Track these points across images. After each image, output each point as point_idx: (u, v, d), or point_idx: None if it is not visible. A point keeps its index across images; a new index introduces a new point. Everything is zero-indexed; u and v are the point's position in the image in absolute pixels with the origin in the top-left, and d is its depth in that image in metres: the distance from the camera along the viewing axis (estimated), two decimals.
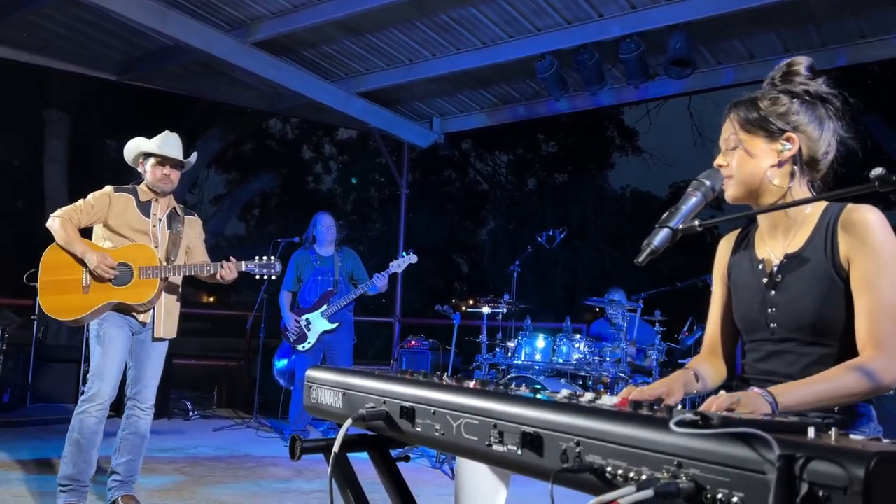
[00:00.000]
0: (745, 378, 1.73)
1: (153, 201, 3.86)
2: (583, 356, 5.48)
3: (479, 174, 22.05)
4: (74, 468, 3.54)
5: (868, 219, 1.55)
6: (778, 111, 1.65)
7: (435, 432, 1.38)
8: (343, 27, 6.51)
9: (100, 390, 3.58)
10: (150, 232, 3.81)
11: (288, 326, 5.97)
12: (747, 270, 1.75)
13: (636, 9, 5.91)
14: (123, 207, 3.78)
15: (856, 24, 5.96)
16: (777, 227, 1.71)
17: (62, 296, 3.67)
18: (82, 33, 6.69)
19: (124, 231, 3.76)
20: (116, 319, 3.69)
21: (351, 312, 6.08)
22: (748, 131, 1.67)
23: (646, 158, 20.89)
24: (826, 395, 1.45)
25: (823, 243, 1.60)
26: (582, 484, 1.10)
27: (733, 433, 0.93)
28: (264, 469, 5.07)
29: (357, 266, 6.10)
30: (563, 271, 18.56)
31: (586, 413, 1.13)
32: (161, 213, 3.88)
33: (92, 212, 3.75)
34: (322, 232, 6.04)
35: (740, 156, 1.66)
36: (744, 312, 1.74)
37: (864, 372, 1.45)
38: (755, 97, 1.70)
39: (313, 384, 1.77)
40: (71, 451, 3.55)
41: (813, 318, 1.59)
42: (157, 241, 3.82)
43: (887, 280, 1.51)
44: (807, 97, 1.67)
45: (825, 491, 0.84)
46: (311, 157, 21.08)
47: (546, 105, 8.00)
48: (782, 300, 1.64)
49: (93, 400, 3.57)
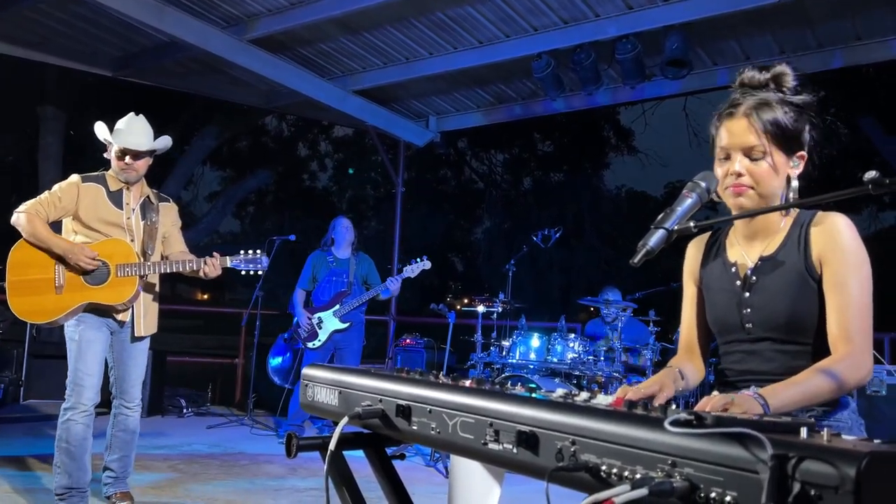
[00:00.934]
0: (726, 380, 1.77)
1: (124, 190, 3.60)
2: (577, 356, 5.49)
3: (475, 173, 22.08)
4: (69, 477, 3.42)
5: (838, 224, 1.63)
6: (798, 129, 1.68)
7: (431, 430, 1.39)
8: (340, 25, 6.51)
9: (81, 397, 3.44)
10: (123, 224, 3.57)
11: (301, 323, 6.02)
12: (720, 275, 1.79)
13: (633, 9, 5.93)
14: (93, 198, 3.53)
15: (851, 26, 5.99)
16: (756, 234, 1.75)
17: (33, 297, 3.42)
18: (79, 29, 6.67)
19: (96, 225, 3.52)
20: (93, 321, 3.49)
21: (363, 314, 6.16)
22: (776, 144, 1.65)
23: (641, 158, 20.96)
24: (812, 394, 1.52)
25: (797, 247, 1.66)
26: (577, 482, 1.10)
27: (727, 433, 0.94)
28: (258, 466, 5.07)
29: (371, 271, 6.21)
30: (558, 271, 18.58)
31: (582, 412, 1.14)
32: (134, 202, 3.62)
33: (59, 205, 3.48)
34: (341, 233, 6.13)
35: (766, 169, 1.65)
36: (718, 315, 1.78)
37: (834, 372, 1.52)
38: (772, 105, 1.66)
39: (310, 382, 1.78)
40: (62, 459, 3.42)
41: (787, 317, 1.64)
42: (132, 234, 3.58)
43: (855, 281, 1.59)
44: (810, 114, 1.71)
45: (817, 490, 0.85)
46: (306, 155, 21.08)
47: (542, 104, 8.02)
48: (758, 301, 1.69)
49: (75, 408, 3.43)
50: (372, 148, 16.44)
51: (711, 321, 1.82)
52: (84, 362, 3.46)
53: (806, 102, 1.70)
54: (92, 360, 3.49)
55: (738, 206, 1.67)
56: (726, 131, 1.69)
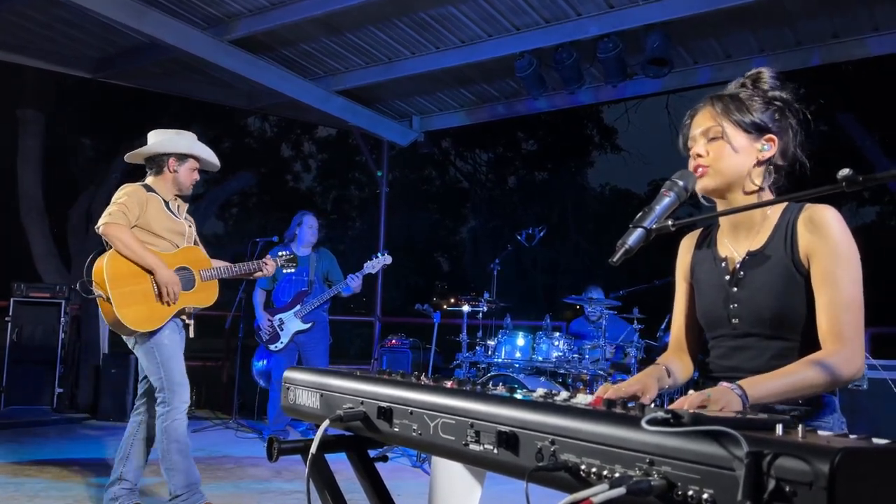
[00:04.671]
0: (711, 375, 1.76)
1: (171, 201, 3.73)
2: (562, 354, 5.51)
3: (460, 172, 22.10)
4: (186, 475, 3.50)
5: (826, 217, 1.60)
6: (762, 112, 1.68)
7: (412, 432, 1.39)
8: (322, 25, 6.48)
9: (183, 395, 3.56)
10: (185, 233, 3.70)
11: (261, 325, 5.92)
12: (710, 269, 1.79)
13: (614, 8, 5.95)
14: (157, 208, 3.61)
15: (829, 24, 6.05)
16: (739, 227, 1.75)
17: (140, 306, 3.48)
18: (57, 31, 6.60)
19: (164, 234, 3.61)
20: (174, 324, 3.61)
21: (326, 312, 6.04)
22: (735, 125, 1.67)
23: (625, 157, 21.07)
24: (792, 387, 1.50)
25: (783, 241, 1.65)
26: (557, 482, 1.11)
27: (703, 431, 0.94)
28: (243, 470, 5.05)
29: (333, 266, 6.07)
30: (542, 269, 18.64)
31: (561, 412, 1.14)
32: (182, 213, 3.78)
33: (132, 214, 3.51)
34: (305, 233, 6.00)
35: (723, 148, 1.67)
36: (706, 309, 1.78)
37: (827, 365, 1.50)
38: (738, 94, 1.71)
39: (291, 385, 1.77)
40: (176, 460, 3.48)
41: (773, 312, 1.63)
42: (190, 242, 3.73)
43: (846, 276, 1.56)
44: (781, 103, 1.71)
45: (791, 486, 0.85)
46: (290, 156, 20.99)
47: (525, 104, 8.03)
48: (744, 296, 1.68)
49: (178, 407, 3.53)
50: (355, 148, 16.37)
51: (700, 315, 1.81)
52: (178, 362, 3.58)
53: (778, 95, 1.71)
54: (182, 361, 3.61)
55: (701, 189, 1.70)
56: (692, 124, 1.75)
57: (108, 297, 3.40)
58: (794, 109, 1.72)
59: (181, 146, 3.71)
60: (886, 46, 6.08)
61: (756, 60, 6.51)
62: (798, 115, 1.72)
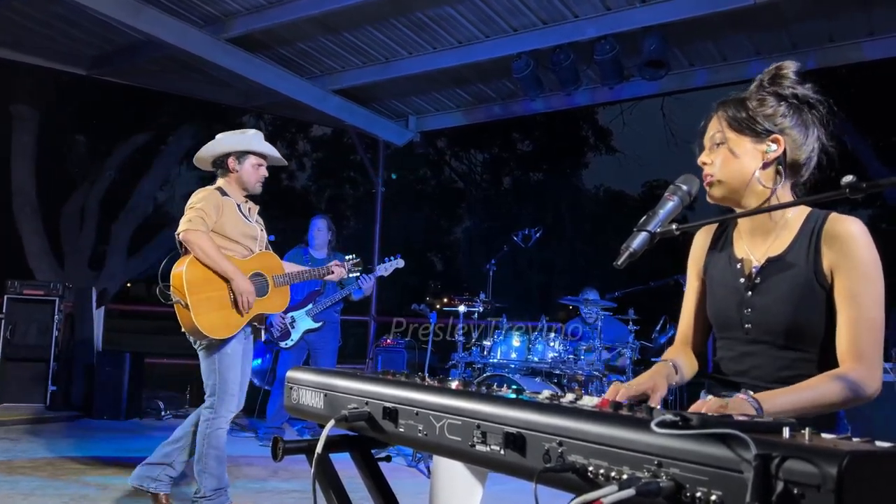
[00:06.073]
0: (719, 377, 1.74)
1: (243, 203, 3.67)
2: (557, 355, 5.52)
3: (455, 172, 22.12)
4: (218, 480, 3.57)
5: (852, 232, 1.56)
6: (765, 112, 1.64)
7: (418, 433, 1.39)
8: (319, 24, 6.48)
9: (232, 405, 3.56)
10: (258, 237, 3.66)
11: (273, 322, 5.95)
12: (724, 268, 1.75)
13: (611, 10, 5.97)
14: (232, 212, 3.56)
15: (825, 27, 6.08)
16: (757, 230, 1.71)
17: (217, 313, 3.46)
18: (54, 28, 6.59)
19: (240, 238, 3.58)
20: (241, 332, 3.58)
21: (337, 314, 6.09)
22: (735, 130, 1.65)
23: (620, 158, 21.14)
24: (809, 403, 1.47)
25: (806, 251, 1.60)
26: (564, 483, 1.11)
27: (712, 433, 0.95)
28: (239, 469, 5.03)
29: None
30: (538, 270, 18.66)
31: (569, 414, 1.15)
32: (253, 215, 3.72)
33: (209, 220, 3.47)
34: (312, 235, 6.07)
35: (724, 154, 1.65)
36: (719, 310, 1.74)
37: (846, 383, 1.47)
38: (743, 97, 1.68)
39: (294, 385, 1.77)
40: (211, 464, 3.54)
41: (788, 323, 1.60)
42: (261, 246, 3.69)
43: (869, 294, 1.53)
44: (794, 101, 1.65)
45: (799, 489, 0.86)
46: (285, 154, 20.82)
47: (521, 104, 8.05)
48: (760, 302, 1.65)
49: (225, 416, 3.54)
50: (350, 147, 16.36)
51: (711, 314, 1.77)
52: (236, 372, 3.56)
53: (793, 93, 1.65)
54: (239, 372, 3.59)
55: (710, 200, 1.69)
56: (704, 132, 1.73)
57: (186, 304, 3.37)
58: (813, 106, 1.66)
59: (236, 143, 3.65)
60: (881, 51, 6.12)
61: (752, 63, 6.54)
62: (819, 111, 1.66)
